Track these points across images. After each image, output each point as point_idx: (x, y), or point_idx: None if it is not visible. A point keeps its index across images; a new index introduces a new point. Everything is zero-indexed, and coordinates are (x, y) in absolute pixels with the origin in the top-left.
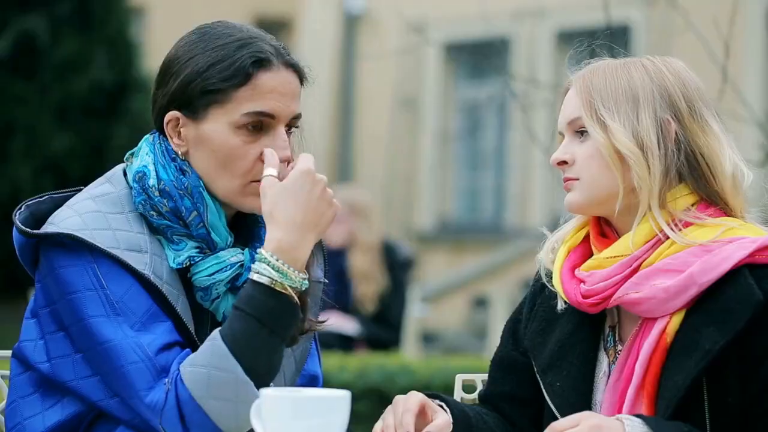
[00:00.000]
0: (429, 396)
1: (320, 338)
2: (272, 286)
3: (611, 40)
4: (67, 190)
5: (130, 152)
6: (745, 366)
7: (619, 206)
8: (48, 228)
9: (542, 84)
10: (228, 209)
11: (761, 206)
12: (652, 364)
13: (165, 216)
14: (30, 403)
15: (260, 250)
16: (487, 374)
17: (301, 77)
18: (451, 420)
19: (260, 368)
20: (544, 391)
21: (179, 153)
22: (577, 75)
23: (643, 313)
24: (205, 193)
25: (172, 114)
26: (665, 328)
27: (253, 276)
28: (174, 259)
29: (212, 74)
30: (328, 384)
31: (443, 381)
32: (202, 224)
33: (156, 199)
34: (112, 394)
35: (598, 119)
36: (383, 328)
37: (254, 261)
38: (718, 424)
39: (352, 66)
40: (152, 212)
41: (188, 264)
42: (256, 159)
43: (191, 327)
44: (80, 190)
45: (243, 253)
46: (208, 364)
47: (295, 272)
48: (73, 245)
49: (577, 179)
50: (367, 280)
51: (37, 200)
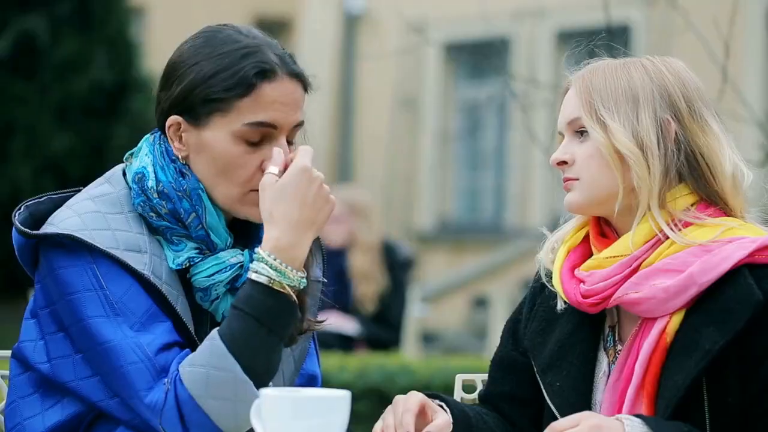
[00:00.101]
0: (429, 396)
1: (320, 338)
2: (270, 285)
3: (611, 40)
4: (66, 190)
5: (129, 152)
6: (745, 366)
7: (619, 206)
8: (47, 228)
9: (542, 84)
10: (227, 212)
11: (761, 206)
12: (652, 364)
13: (164, 217)
14: (30, 404)
15: (258, 249)
16: (487, 374)
17: (305, 86)
18: (451, 420)
19: (259, 367)
20: (544, 391)
21: (180, 157)
22: (577, 75)
23: (642, 313)
24: (204, 196)
25: (174, 118)
26: (665, 328)
27: (252, 275)
28: (173, 260)
29: (215, 83)
30: (328, 384)
31: (443, 381)
32: (200, 226)
33: (155, 201)
34: (112, 395)
35: (598, 119)
36: (383, 328)
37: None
38: (718, 424)
39: (352, 66)
40: (151, 213)
41: (188, 265)
42: (256, 168)
43: (191, 327)
44: (80, 191)
45: (243, 254)
46: (206, 363)
47: (293, 271)
48: (72, 246)
49: (577, 179)
50: (367, 280)
51: (36, 201)
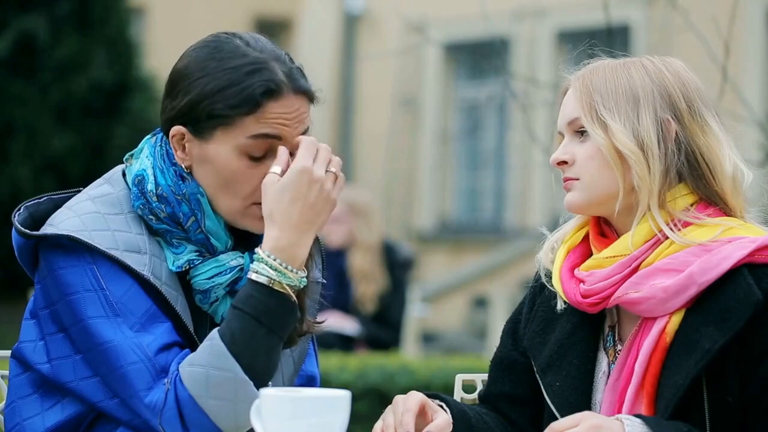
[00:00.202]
0: (429, 396)
1: (320, 338)
2: (270, 285)
3: (611, 39)
4: (66, 190)
5: (129, 153)
6: (745, 365)
7: (619, 206)
8: (47, 229)
9: (542, 84)
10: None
11: (761, 206)
12: (652, 363)
13: (163, 221)
14: (29, 404)
15: (258, 249)
16: (487, 374)
17: (311, 99)
18: (451, 420)
19: (259, 367)
20: (544, 391)
21: (183, 165)
22: (576, 75)
23: (642, 313)
24: (203, 200)
25: (177, 129)
26: (665, 327)
27: (252, 275)
28: (173, 262)
29: (220, 99)
30: (328, 384)
31: (443, 381)
32: (200, 230)
33: (154, 204)
34: (112, 395)
35: (599, 119)
36: (383, 328)
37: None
38: (717, 423)
39: (352, 66)
40: (150, 216)
41: (187, 267)
42: (259, 183)
43: (191, 327)
44: (80, 191)
45: (243, 257)
46: (206, 363)
47: (294, 271)
48: (72, 246)
49: (577, 179)
50: (367, 280)
51: (36, 201)
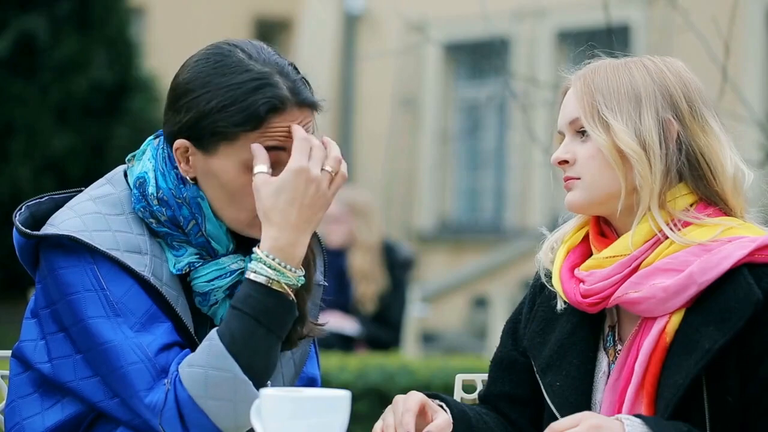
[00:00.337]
0: (429, 396)
1: (320, 338)
2: (269, 285)
3: (611, 39)
4: (67, 190)
5: (131, 154)
6: (745, 365)
7: (621, 206)
8: (47, 229)
9: (542, 84)
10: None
11: (761, 207)
12: (652, 363)
13: (164, 224)
14: (29, 403)
15: (255, 249)
16: (487, 374)
17: (316, 109)
18: (451, 420)
19: (258, 367)
20: (544, 391)
21: (187, 177)
22: (577, 75)
23: (642, 313)
24: (204, 204)
25: (181, 142)
26: (665, 327)
27: (250, 275)
28: (174, 264)
29: (224, 117)
30: (328, 384)
31: (443, 381)
32: (200, 233)
33: (155, 207)
34: (112, 395)
35: (600, 119)
36: (383, 328)
37: None
38: (717, 423)
39: (352, 66)
40: (151, 219)
41: (188, 270)
42: None
43: (191, 328)
44: (81, 191)
45: (244, 261)
46: (206, 364)
47: (292, 270)
48: (72, 246)
49: (578, 178)
50: (367, 280)
51: (37, 201)
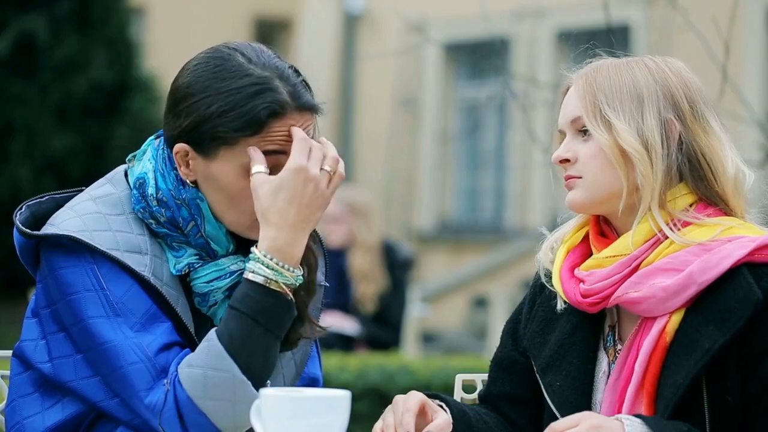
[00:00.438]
0: (429, 396)
1: (320, 338)
2: (267, 285)
3: (611, 39)
4: (68, 190)
5: (132, 154)
6: (745, 365)
7: (623, 205)
8: (48, 229)
9: (542, 84)
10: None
11: (761, 207)
12: (652, 363)
13: (163, 225)
14: (30, 403)
15: (254, 249)
16: (487, 374)
17: (316, 112)
18: (451, 420)
19: (256, 367)
20: (544, 390)
21: (187, 180)
22: (579, 73)
23: (642, 313)
24: (203, 205)
25: (181, 146)
26: (665, 327)
27: (248, 275)
28: (174, 265)
29: (224, 122)
30: (328, 384)
31: (443, 381)
32: (199, 234)
33: (154, 208)
34: (112, 395)
35: (602, 118)
36: (383, 328)
37: None
38: (717, 423)
39: (352, 66)
40: (151, 220)
41: (188, 271)
42: None
43: (191, 328)
44: (81, 191)
45: (244, 262)
46: (204, 364)
47: (290, 269)
48: (72, 246)
49: (580, 177)
50: (367, 280)
51: (38, 200)
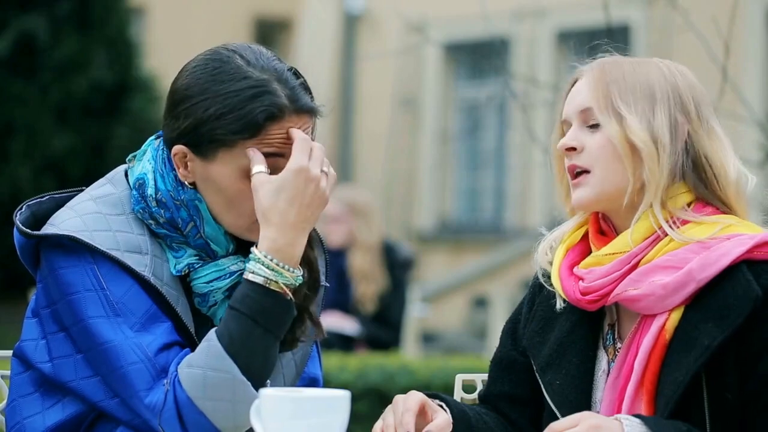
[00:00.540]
0: (429, 396)
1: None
2: (267, 285)
3: (611, 39)
4: (68, 190)
5: (132, 154)
6: (744, 362)
7: (627, 200)
8: (48, 229)
9: (542, 84)
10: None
11: (761, 207)
12: (652, 361)
13: (163, 226)
14: (30, 403)
15: (253, 249)
16: (486, 374)
17: (315, 114)
18: (451, 420)
19: (256, 367)
20: (544, 389)
21: (186, 182)
22: (591, 66)
23: (641, 310)
24: (202, 206)
25: (179, 148)
26: (664, 324)
27: (248, 275)
28: (174, 265)
29: (222, 125)
30: (328, 384)
31: (443, 381)
32: (199, 235)
33: (153, 209)
34: (112, 395)
35: (614, 110)
36: (383, 328)
37: None
38: (717, 420)
39: (352, 66)
40: (150, 221)
41: (187, 271)
42: None
43: (191, 328)
44: (82, 191)
45: (244, 262)
46: (204, 365)
47: (290, 270)
48: (73, 246)
49: (588, 172)
50: (367, 280)
51: (38, 200)
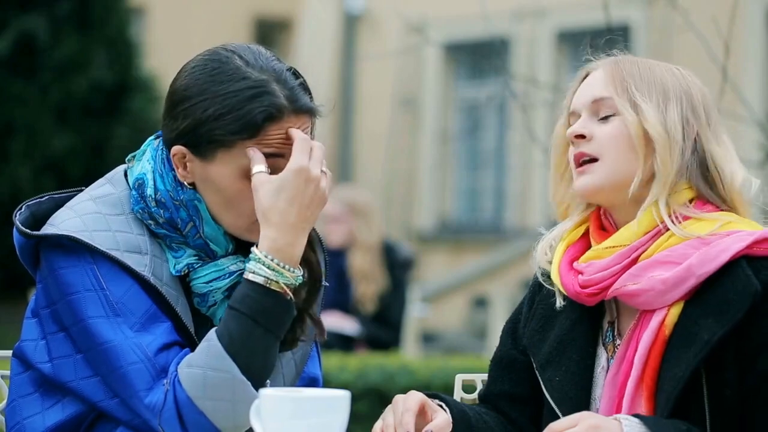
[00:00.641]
0: (429, 396)
1: None
2: (267, 285)
3: (611, 39)
4: (68, 190)
5: (132, 154)
6: (743, 357)
7: (633, 191)
8: (47, 229)
9: (542, 84)
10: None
11: (761, 207)
12: (651, 356)
13: (162, 226)
14: (30, 403)
15: (254, 249)
16: (486, 374)
17: (314, 114)
18: (451, 419)
19: (256, 367)
20: (543, 386)
21: (185, 182)
22: (606, 60)
23: (641, 305)
24: (201, 206)
25: (178, 148)
26: (664, 320)
27: (248, 275)
28: (174, 265)
29: (221, 125)
30: (328, 384)
31: (443, 381)
32: (198, 235)
33: (153, 209)
34: (112, 395)
35: (631, 99)
36: (383, 328)
37: None
38: (717, 416)
39: (352, 66)
40: (150, 221)
41: (187, 271)
42: None
43: (191, 328)
44: (81, 191)
45: (243, 262)
46: (204, 365)
47: (290, 270)
48: (72, 246)
49: (596, 160)
50: (367, 280)
51: (37, 200)
